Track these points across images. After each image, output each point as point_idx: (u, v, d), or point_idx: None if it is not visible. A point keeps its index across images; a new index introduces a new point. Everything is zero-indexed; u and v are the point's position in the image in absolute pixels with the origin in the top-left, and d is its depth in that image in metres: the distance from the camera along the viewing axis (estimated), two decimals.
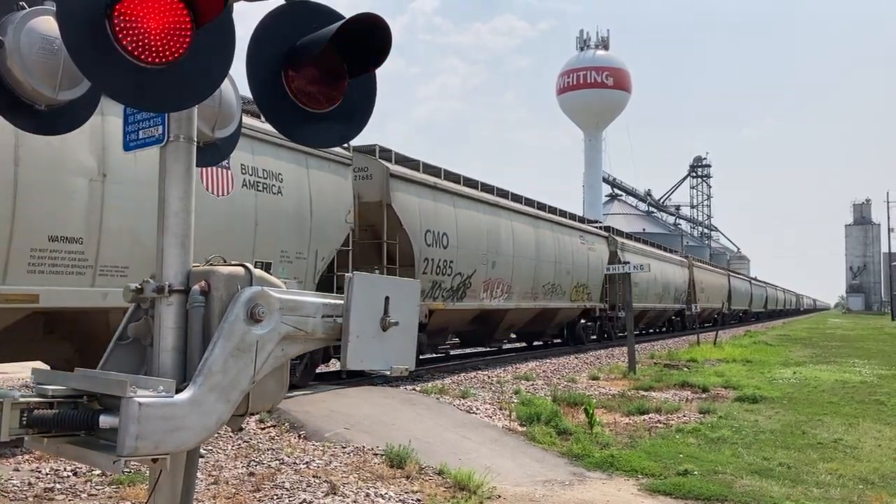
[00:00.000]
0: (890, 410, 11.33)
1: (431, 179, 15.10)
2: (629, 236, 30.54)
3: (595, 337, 25.82)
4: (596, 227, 26.18)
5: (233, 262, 3.01)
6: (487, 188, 17.88)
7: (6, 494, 5.58)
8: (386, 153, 14.14)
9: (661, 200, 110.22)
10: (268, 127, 7.99)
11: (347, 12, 3.05)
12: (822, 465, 7.57)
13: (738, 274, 64.66)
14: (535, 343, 24.14)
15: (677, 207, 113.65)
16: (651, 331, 37.24)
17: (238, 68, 2.92)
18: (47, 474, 6.17)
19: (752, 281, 69.69)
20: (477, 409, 10.54)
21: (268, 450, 7.35)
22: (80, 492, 5.79)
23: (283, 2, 3.01)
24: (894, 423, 10.21)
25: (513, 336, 22.98)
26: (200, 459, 4.76)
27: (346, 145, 11.98)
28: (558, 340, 24.43)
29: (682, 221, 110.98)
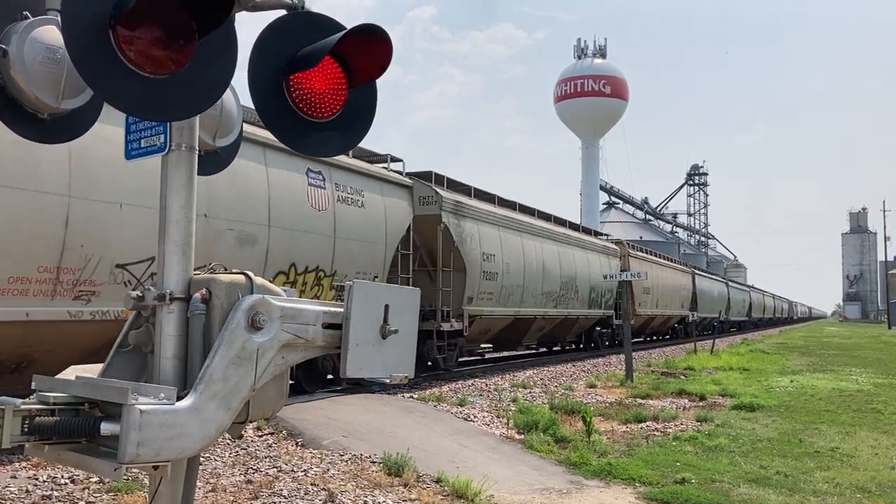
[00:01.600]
0: (887, 419, 11.34)
1: None
2: (484, 195, 18.05)
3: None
4: (382, 168, 13.73)
5: (234, 270, 3.03)
6: None
7: (3, 502, 5.57)
8: None
9: (659, 208, 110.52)
10: None
11: (347, 22, 3.07)
12: (819, 474, 7.59)
13: (711, 274, 52.30)
14: None
15: (674, 216, 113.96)
16: (555, 349, 26.01)
17: (239, 77, 2.94)
18: (45, 482, 6.16)
19: (731, 283, 57.44)
20: (474, 416, 10.54)
21: (265, 457, 7.35)
22: (78, 499, 5.78)
23: (285, 12, 3.04)
24: (891, 431, 10.23)
25: None
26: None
27: None
28: None
29: (679, 230, 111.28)
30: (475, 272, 16.00)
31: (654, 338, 38.62)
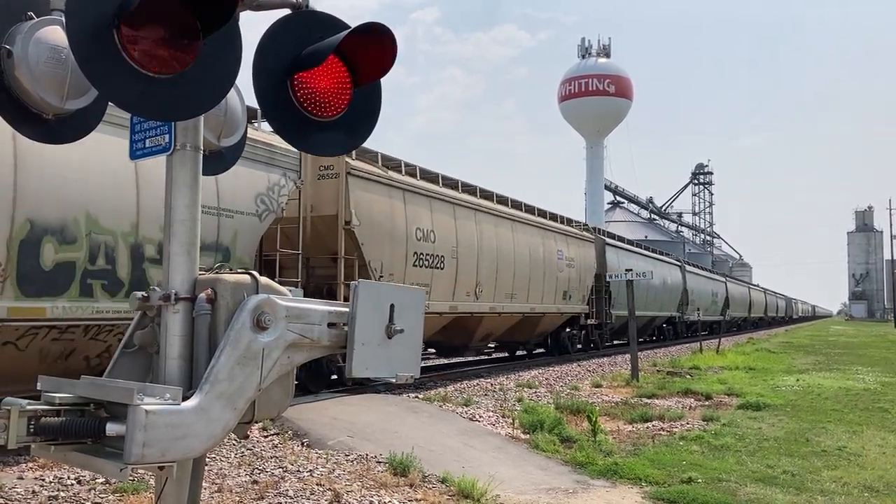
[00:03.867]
0: (894, 418, 11.29)
1: None
2: None
3: None
4: None
5: (238, 270, 3.03)
6: None
7: (11, 503, 5.58)
8: None
9: (664, 208, 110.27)
10: None
11: (350, 22, 3.07)
12: (826, 473, 7.55)
13: (651, 253, 31.99)
14: None
15: (679, 215, 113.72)
16: None
17: (244, 77, 2.94)
18: (51, 482, 6.17)
19: (690, 267, 38.37)
20: (480, 416, 10.52)
21: (271, 458, 7.34)
22: (84, 500, 5.78)
23: (289, 11, 3.03)
24: None
25: None
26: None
27: None
28: None
29: (684, 229, 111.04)
30: None
31: (540, 351, 23.03)
